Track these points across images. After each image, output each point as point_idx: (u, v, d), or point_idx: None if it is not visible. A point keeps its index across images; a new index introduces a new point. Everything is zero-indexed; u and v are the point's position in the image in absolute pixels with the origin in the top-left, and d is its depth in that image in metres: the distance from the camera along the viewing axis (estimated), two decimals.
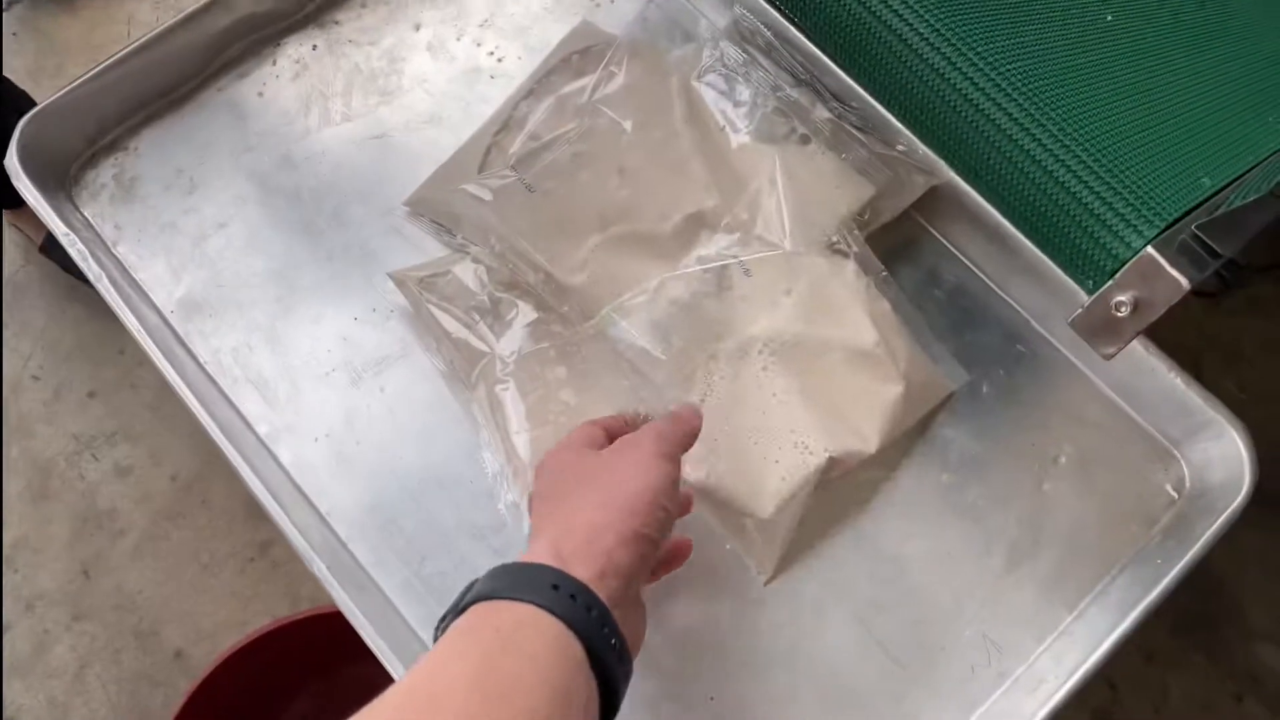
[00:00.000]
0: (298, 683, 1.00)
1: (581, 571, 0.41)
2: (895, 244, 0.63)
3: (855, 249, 0.58)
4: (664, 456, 0.46)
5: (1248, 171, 0.51)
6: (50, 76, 1.21)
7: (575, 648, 0.38)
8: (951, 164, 0.57)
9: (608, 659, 0.39)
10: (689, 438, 0.50)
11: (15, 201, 1.17)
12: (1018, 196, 0.51)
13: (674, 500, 0.46)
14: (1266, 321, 1.27)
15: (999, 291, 0.62)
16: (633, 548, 0.42)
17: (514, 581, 0.40)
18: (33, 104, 1.12)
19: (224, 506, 1.15)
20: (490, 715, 0.34)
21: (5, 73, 1.06)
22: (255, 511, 1.15)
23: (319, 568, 0.53)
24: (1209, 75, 0.56)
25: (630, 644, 0.43)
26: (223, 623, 1.11)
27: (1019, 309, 0.62)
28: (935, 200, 0.63)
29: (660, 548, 0.45)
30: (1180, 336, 1.24)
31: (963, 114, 0.51)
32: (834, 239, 0.58)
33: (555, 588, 0.39)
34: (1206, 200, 0.49)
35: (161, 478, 1.16)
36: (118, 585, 1.12)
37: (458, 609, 0.40)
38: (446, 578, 0.56)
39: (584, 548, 0.42)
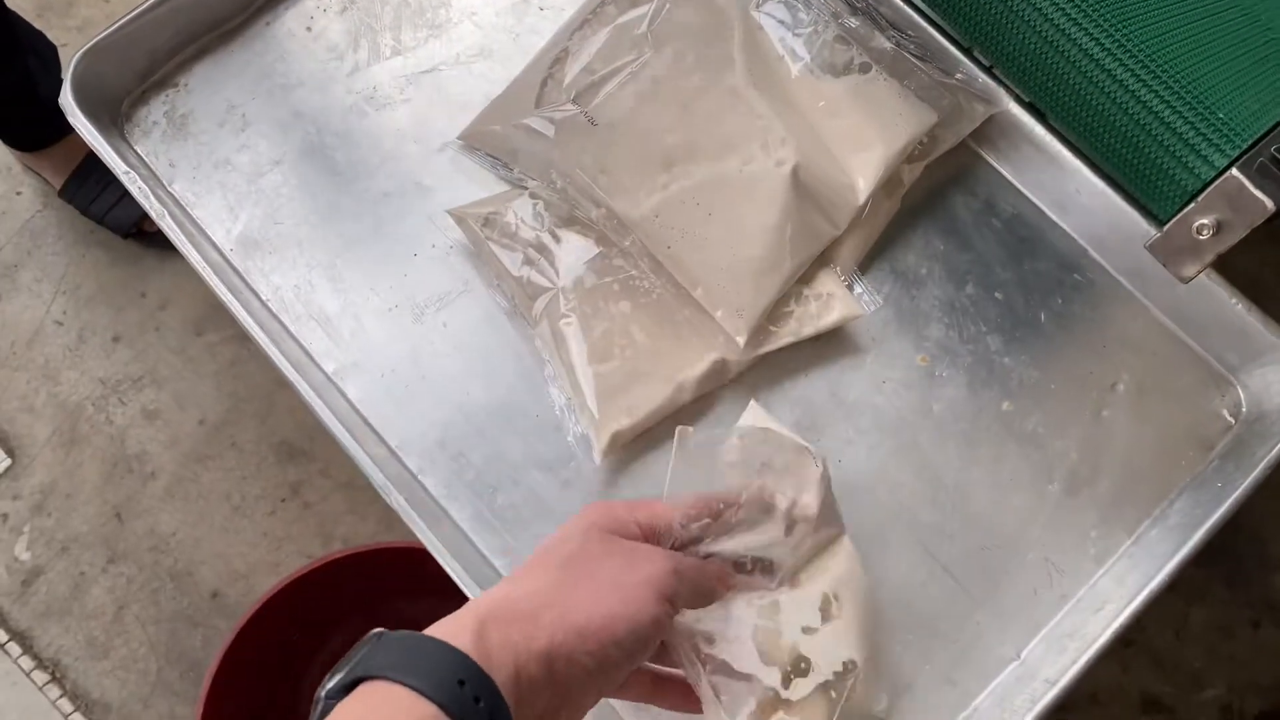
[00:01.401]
0: (337, 618, 1.02)
1: (501, 662, 0.36)
2: (954, 173, 0.63)
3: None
4: (660, 596, 0.40)
5: None
6: (59, 15, 1.19)
7: None
8: (1026, 88, 0.56)
9: None
10: (704, 596, 0.44)
11: (32, 144, 1.15)
12: (1099, 119, 0.51)
13: (639, 646, 0.40)
14: None
15: (1056, 220, 0.62)
16: (563, 667, 0.37)
17: (413, 663, 0.35)
18: (49, 45, 1.10)
19: (253, 449, 1.15)
20: None
21: (13, 10, 1.04)
22: (285, 453, 1.16)
23: (397, 500, 0.53)
24: None
25: None
26: (256, 563, 1.12)
27: (1076, 238, 0.62)
28: (994, 129, 0.63)
29: (611, 680, 0.40)
30: (1239, 260, 1.25)
31: (1043, 34, 0.51)
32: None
33: (461, 684, 0.35)
34: (1273, 129, 0.49)
35: (189, 421, 1.17)
36: (151, 528, 1.13)
37: (345, 683, 0.36)
38: (518, 509, 0.56)
39: (511, 638, 0.37)
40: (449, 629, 0.37)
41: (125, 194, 1.14)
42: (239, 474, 1.15)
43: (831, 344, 0.60)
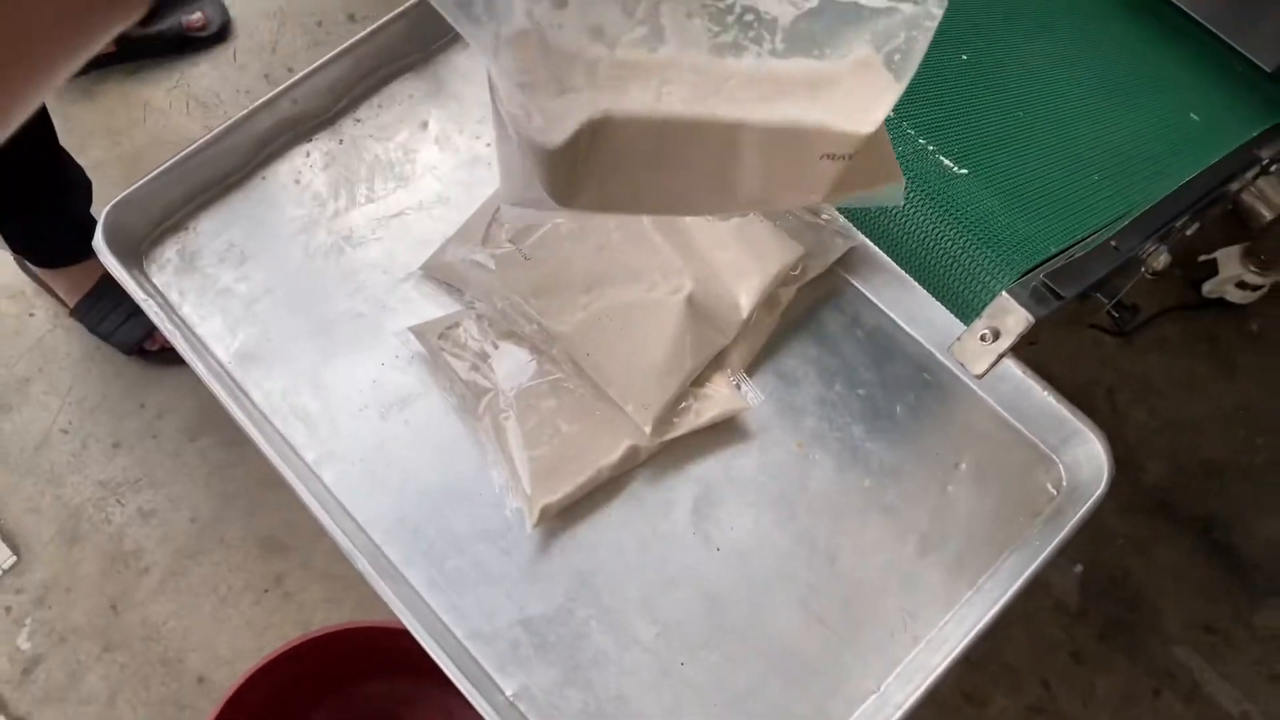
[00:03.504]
0: (313, 700, 1.11)
1: None
2: (824, 293, 0.77)
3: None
4: None
5: (1088, 236, 0.65)
6: (75, 154, 1.33)
7: None
8: (868, 231, 0.71)
9: None
10: None
11: (56, 261, 1.29)
12: (915, 255, 0.65)
13: None
14: (1173, 359, 1.42)
15: (908, 330, 0.76)
16: None
17: None
18: (85, 176, 1.25)
19: (239, 544, 1.26)
20: None
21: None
22: (269, 547, 1.26)
23: (362, 565, 0.65)
24: (1064, 159, 0.70)
25: None
26: (241, 650, 1.22)
27: (924, 344, 0.76)
28: (854, 259, 0.77)
29: None
30: (1098, 373, 1.39)
31: None
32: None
33: None
34: (1054, 257, 0.64)
35: (181, 519, 1.28)
36: (144, 618, 1.23)
37: None
38: (464, 573, 0.68)
39: None
40: None
41: (131, 316, 1.29)
42: (226, 567, 1.26)
43: (724, 432, 0.72)
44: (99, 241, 0.73)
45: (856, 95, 0.42)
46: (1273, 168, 1.10)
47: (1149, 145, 0.72)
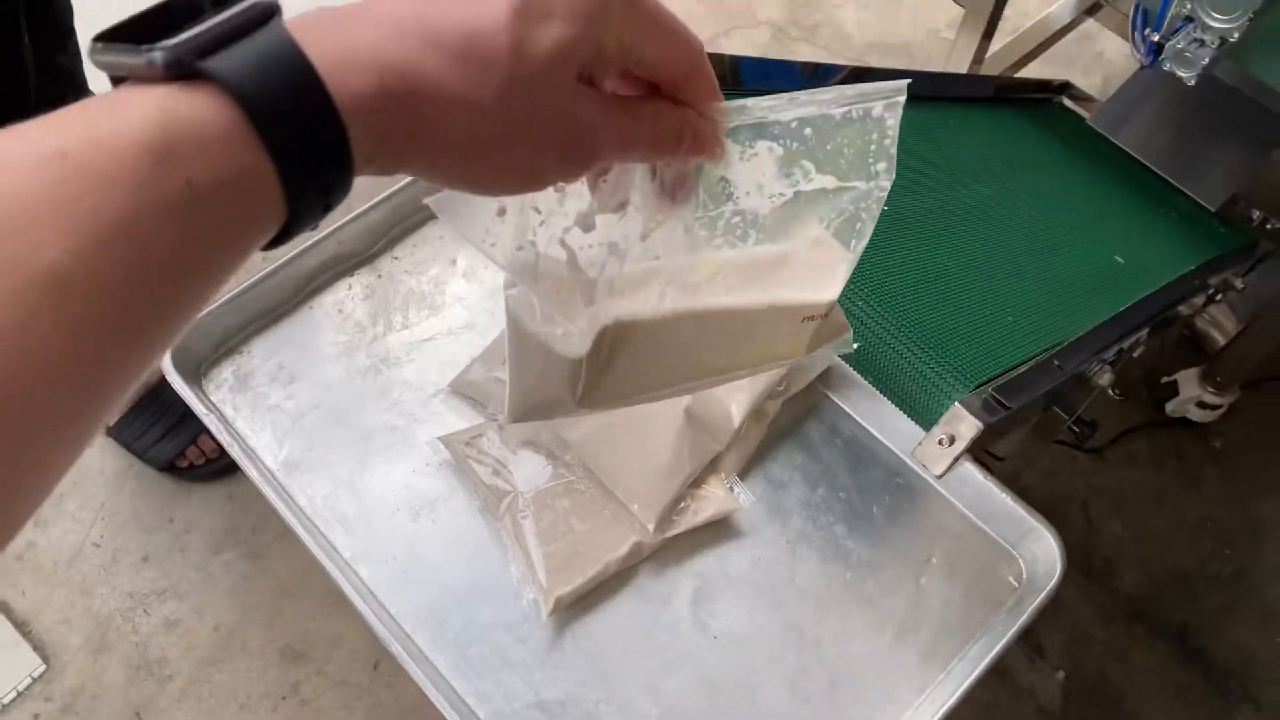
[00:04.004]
0: None
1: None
2: (807, 406, 0.87)
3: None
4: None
5: (1033, 357, 0.76)
6: None
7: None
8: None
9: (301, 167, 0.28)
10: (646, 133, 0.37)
11: None
12: (882, 373, 0.75)
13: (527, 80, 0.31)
14: (1142, 473, 1.51)
15: (882, 439, 0.86)
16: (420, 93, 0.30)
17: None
18: None
19: (260, 651, 1.32)
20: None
21: None
22: (288, 656, 1.33)
23: (396, 650, 0.73)
24: (1014, 296, 0.81)
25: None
26: None
27: (897, 452, 0.85)
28: (833, 376, 0.87)
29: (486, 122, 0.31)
30: (1073, 487, 1.48)
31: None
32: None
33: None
34: (1003, 373, 0.74)
35: (205, 629, 1.34)
36: None
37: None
38: (486, 659, 0.76)
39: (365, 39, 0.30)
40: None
41: (164, 435, 1.38)
42: (246, 675, 1.31)
43: (719, 531, 0.81)
44: (166, 363, 0.83)
45: (821, 267, 0.51)
46: (1219, 296, 1.22)
47: (1074, 285, 0.83)
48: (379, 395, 0.87)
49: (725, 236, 0.47)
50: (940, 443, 0.68)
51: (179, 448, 1.40)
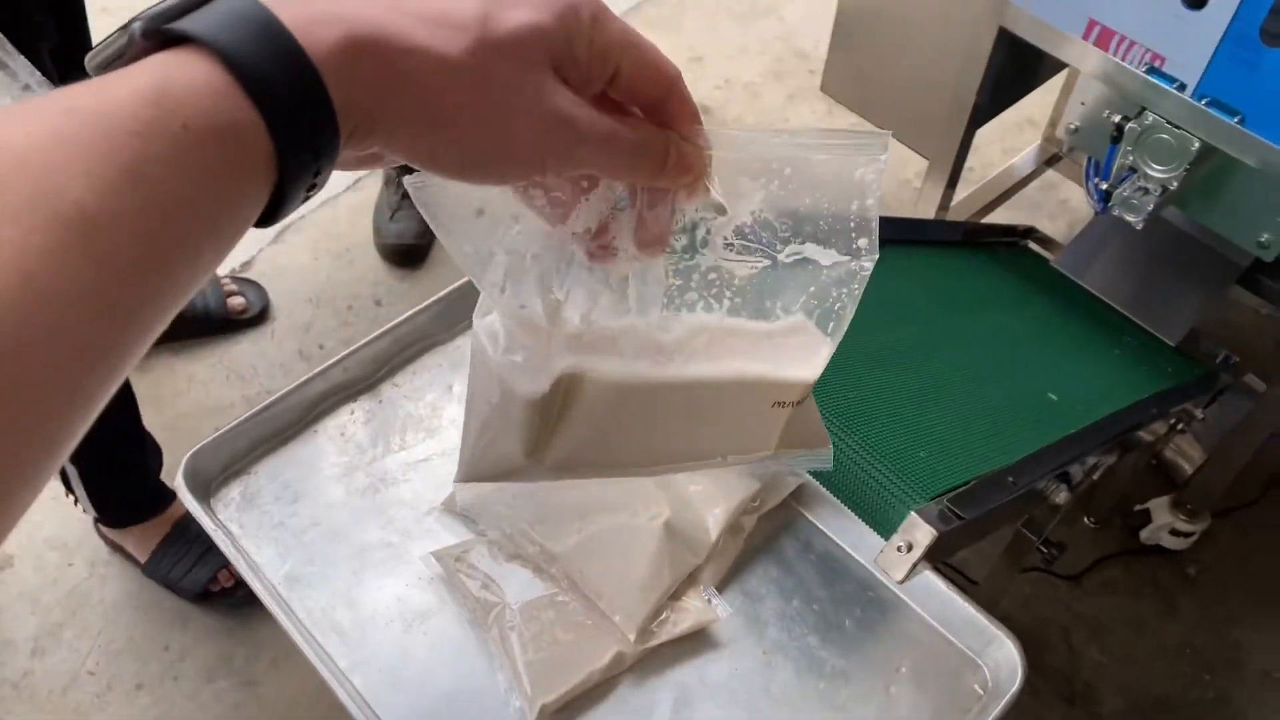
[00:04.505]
0: None
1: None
2: (781, 523, 0.92)
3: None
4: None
5: (985, 475, 0.82)
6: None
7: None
8: (809, 470, 0.87)
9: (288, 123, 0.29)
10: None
11: (125, 520, 1.44)
12: (847, 487, 0.81)
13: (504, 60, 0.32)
14: (1120, 599, 1.54)
15: (853, 554, 0.90)
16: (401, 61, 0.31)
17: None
18: (157, 445, 1.43)
19: None
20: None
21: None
22: None
23: None
24: (974, 418, 0.88)
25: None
26: None
27: (867, 566, 0.90)
28: (805, 493, 0.92)
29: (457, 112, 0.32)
30: (1052, 614, 1.51)
31: None
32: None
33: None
34: (957, 487, 0.80)
35: None
36: None
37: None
38: None
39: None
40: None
41: (195, 563, 1.43)
42: None
43: (698, 641, 0.85)
44: (179, 482, 0.88)
45: (797, 350, 0.51)
46: (1180, 426, 1.29)
47: (1018, 413, 0.90)
48: (377, 513, 0.92)
49: (700, 293, 0.46)
50: (899, 549, 0.74)
51: (210, 573, 1.45)
